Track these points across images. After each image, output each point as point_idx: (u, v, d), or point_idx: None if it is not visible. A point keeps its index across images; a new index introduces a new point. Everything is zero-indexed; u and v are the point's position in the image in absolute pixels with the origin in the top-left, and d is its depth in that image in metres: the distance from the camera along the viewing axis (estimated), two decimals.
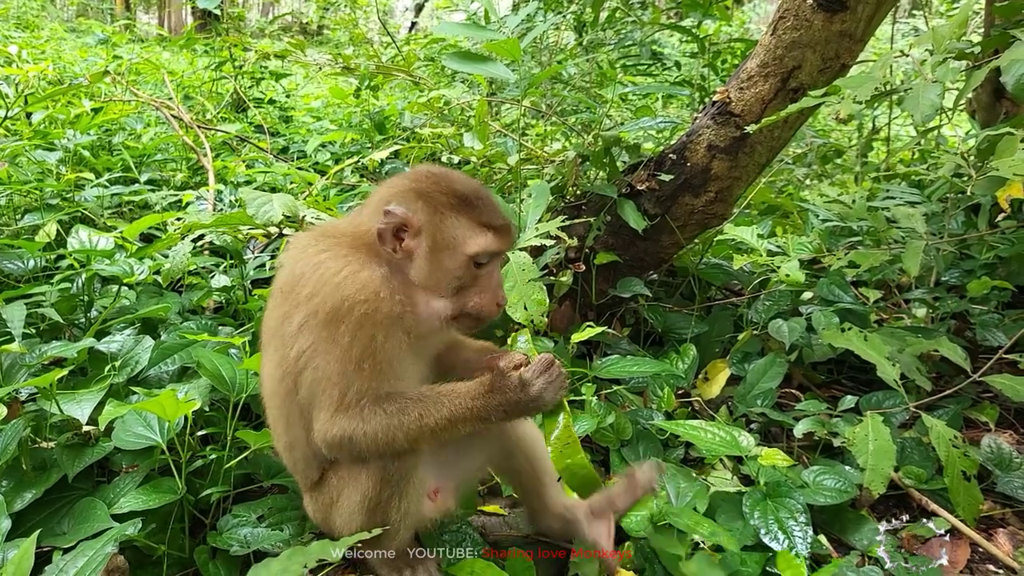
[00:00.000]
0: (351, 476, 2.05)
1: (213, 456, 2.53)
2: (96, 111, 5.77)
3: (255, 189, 4.36)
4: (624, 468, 2.89)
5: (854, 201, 3.63)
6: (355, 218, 2.12)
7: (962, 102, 5.25)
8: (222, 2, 8.84)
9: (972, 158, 3.41)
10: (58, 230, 3.97)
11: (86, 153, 5.38)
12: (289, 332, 1.93)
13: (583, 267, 3.74)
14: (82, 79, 5.57)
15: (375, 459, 2.00)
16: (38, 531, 1.70)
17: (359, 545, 2.18)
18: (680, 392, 3.47)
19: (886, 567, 2.43)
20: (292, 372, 1.97)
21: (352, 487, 2.05)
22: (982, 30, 5.29)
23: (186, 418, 2.39)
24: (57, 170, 4.92)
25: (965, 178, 3.16)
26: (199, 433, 2.66)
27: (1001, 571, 2.51)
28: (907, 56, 2.95)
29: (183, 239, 3.20)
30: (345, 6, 10.59)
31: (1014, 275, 3.83)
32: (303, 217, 3.15)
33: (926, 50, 2.87)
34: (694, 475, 2.75)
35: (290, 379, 1.98)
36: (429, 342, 2.15)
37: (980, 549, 2.60)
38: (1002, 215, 3.23)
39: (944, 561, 2.51)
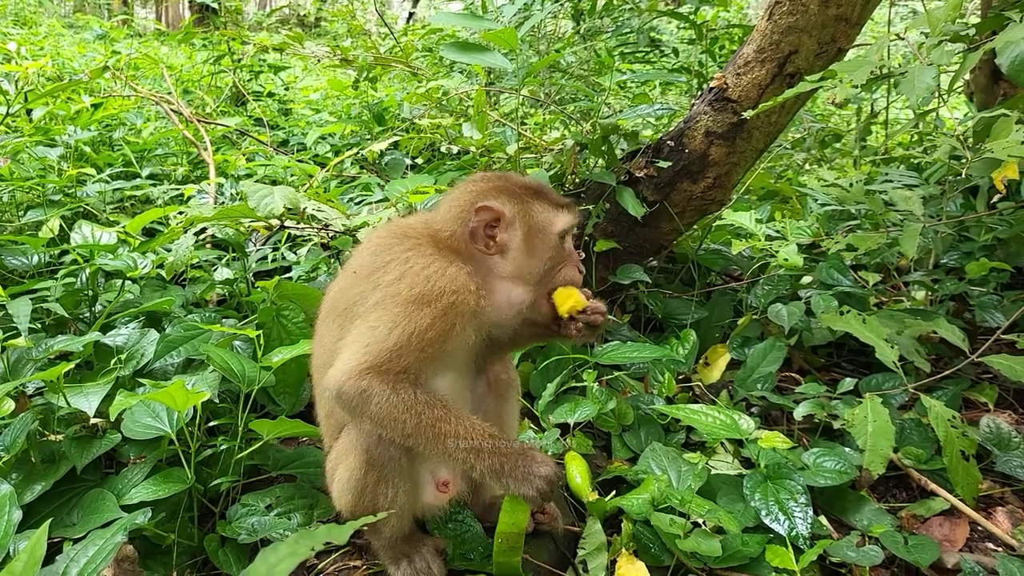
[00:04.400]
0: (345, 453, 2.14)
1: (224, 446, 2.56)
2: (96, 107, 5.78)
3: (256, 182, 4.38)
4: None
5: (851, 185, 3.63)
6: (428, 222, 2.19)
7: (960, 85, 5.24)
8: None
9: (969, 140, 3.41)
10: (61, 226, 3.99)
11: (87, 149, 5.39)
12: (360, 310, 2.03)
13: (583, 254, 3.74)
14: (82, 75, 5.58)
15: (360, 440, 2.07)
16: (49, 520, 1.73)
17: (363, 528, 2.23)
18: (681, 377, 3.50)
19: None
20: None
21: (344, 464, 2.14)
22: (980, 13, 5.28)
23: (195, 409, 2.42)
24: (59, 166, 4.93)
25: (962, 160, 3.16)
26: (208, 424, 2.69)
27: (1000, 549, 2.54)
28: (903, 39, 2.95)
29: (186, 232, 3.22)
30: None
31: (1012, 256, 3.84)
32: (304, 209, 3.17)
33: (922, 33, 2.88)
34: (694, 458, 2.78)
35: None
36: (497, 331, 2.22)
37: (979, 527, 2.63)
38: (997, 196, 3.24)
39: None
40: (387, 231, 2.21)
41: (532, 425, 3.07)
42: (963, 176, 3.34)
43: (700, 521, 2.37)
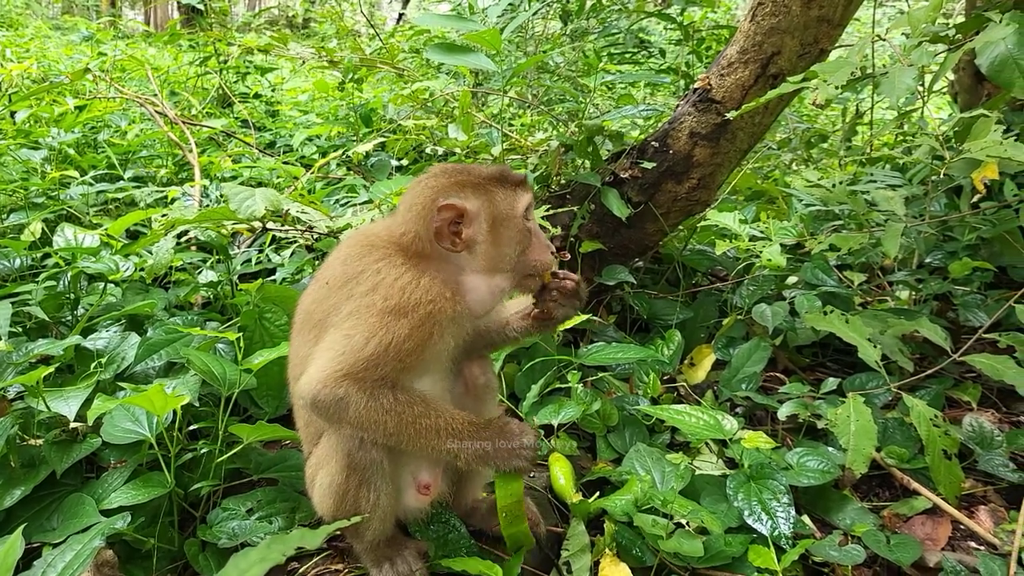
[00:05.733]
0: (325, 458, 2.12)
1: (204, 450, 2.54)
2: (80, 109, 5.75)
3: (241, 184, 4.36)
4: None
5: (834, 185, 3.65)
6: (391, 227, 2.15)
7: (944, 85, 5.27)
8: None
9: (952, 141, 3.43)
10: (43, 228, 3.97)
11: (71, 151, 5.36)
12: (335, 320, 2.01)
13: (568, 256, 3.72)
14: (63, 77, 5.55)
15: (341, 445, 2.06)
16: (24, 524, 1.72)
17: (340, 532, 2.22)
18: (666, 378, 3.50)
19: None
20: None
21: (325, 470, 2.11)
22: (965, 13, 5.30)
23: (175, 413, 2.41)
24: (42, 168, 4.91)
25: (944, 161, 3.18)
26: (190, 428, 2.68)
27: (982, 547, 2.55)
28: (884, 40, 2.96)
29: (166, 235, 3.20)
30: None
31: (995, 256, 3.85)
32: (286, 211, 3.16)
33: (903, 34, 2.89)
34: (678, 459, 2.78)
35: None
36: (483, 323, 2.27)
37: (961, 526, 2.64)
38: (978, 196, 3.25)
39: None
40: (353, 240, 2.17)
41: None
42: (945, 176, 3.35)
43: (683, 522, 2.37)
